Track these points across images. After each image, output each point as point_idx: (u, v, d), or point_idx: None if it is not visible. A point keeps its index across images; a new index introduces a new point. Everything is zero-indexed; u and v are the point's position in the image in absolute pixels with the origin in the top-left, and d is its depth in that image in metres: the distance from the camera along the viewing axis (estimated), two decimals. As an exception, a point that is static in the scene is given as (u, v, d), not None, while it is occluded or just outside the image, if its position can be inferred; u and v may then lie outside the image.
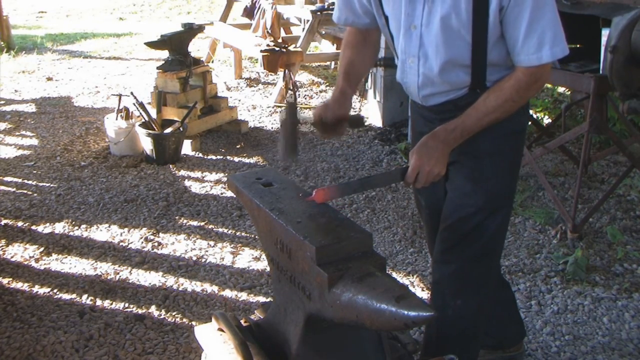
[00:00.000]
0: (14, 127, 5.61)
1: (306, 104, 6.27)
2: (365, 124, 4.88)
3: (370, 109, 5.75)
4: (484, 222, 2.02)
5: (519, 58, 1.81)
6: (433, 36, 1.85)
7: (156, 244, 3.57)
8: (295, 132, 1.88)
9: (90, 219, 3.86)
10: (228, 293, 3.10)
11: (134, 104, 4.78)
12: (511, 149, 2.04)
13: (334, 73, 7.43)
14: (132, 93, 4.86)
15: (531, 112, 4.82)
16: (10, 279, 3.19)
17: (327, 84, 6.99)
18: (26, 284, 3.14)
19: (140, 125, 4.75)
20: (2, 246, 3.51)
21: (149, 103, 5.08)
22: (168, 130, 4.71)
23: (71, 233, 3.68)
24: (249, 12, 7.74)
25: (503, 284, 2.48)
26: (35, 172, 4.58)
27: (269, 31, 6.91)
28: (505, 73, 1.89)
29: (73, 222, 3.80)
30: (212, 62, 7.66)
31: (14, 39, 8.93)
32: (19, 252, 3.46)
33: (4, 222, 3.78)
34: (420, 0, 1.84)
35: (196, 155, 4.94)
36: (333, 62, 7.61)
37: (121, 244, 3.56)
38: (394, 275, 3.23)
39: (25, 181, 4.44)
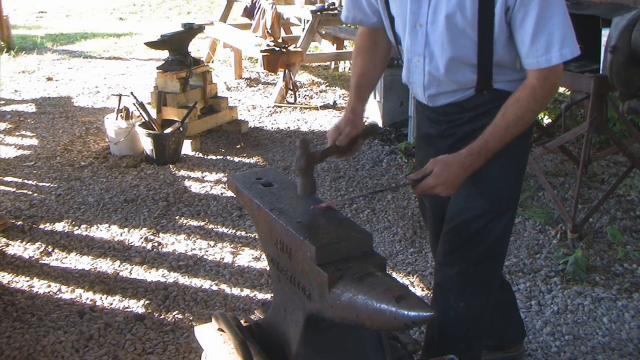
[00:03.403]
0: (14, 127, 5.61)
1: (306, 104, 6.28)
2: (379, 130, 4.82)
3: (370, 109, 5.75)
4: (488, 225, 2.01)
5: (528, 61, 1.78)
6: (439, 34, 1.84)
7: (156, 243, 3.57)
8: (312, 169, 1.87)
9: (90, 219, 3.86)
10: (228, 293, 3.10)
11: (134, 104, 4.79)
12: (518, 152, 2.02)
13: (334, 73, 7.43)
14: (132, 93, 4.86)
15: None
16: (10, 279, 3.19)
17: (327, 84, 6.99)
18: (26, 284, 3.14)
19: (140, 125, 4.75)
20: (2, 246, 3.51)
21: (149, 103, 5.08)
22: (168, 130, 4.71)
23: (71, 233, 3.68)
24: (249, 12, 7.75)
25: (504, 285, 2.48)
26: (35, 172, 4.58)
27: (269, 31, 6.92)
28: (512, 75, 1.88)
29: (73, 222, 3.80)
30: (212, 62, 7.66)
31: (14, 39, 8.94)
32: (19, 252, 3.46)
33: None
34: None
35: (196, 155, 4.94)
36: (333, 62, 7.61)
37: (121, 243, 3.56)
38: (394, 275, 3.23)
39: (25, 181, 4.44)
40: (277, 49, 5.94)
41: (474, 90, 1.92)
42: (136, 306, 2.97)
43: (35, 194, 4.20)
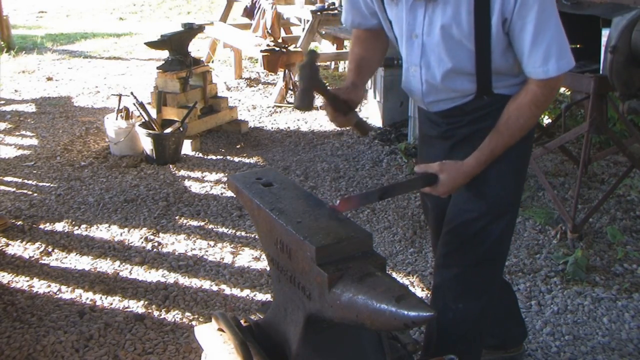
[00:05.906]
0: (14, 127, 5.61)
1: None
2: (369, 134, 4.85)
3: (370, 109, 5.75)
4: (487, 227, 2.01)
5: (527, 70, 1.80)
6: (435, 45, 1.84)
7: (156, 243, 3.57)
8: (314, 79, 1.87)
9: (90, 218, 3.86)
10: (228, 293, 3.10)
11: (134, 104, 4.79)
12: (517, 156, 2.01)
13: (334, 73, 7.43)
14: (132, 93, 4.86)
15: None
16: (10, 279, 3.19)
17: (327, 84, 6.98)
18: (26, 284, 3.14)
19: (140, 125, 4.75)
20: (2, 246, 3.51)
21: (149, 103, 5.08)
22: (168, 130, 4.71)
23: (71, 233, 3.68)
24: (249, 12, 7.76)
25: (505, 285, 2.48)
26: (35, 172, 4.58)
27: (269, 31, 6.92)
28: (512, 80, 1.88)
29: (73, 222, 3.80)
30: (212, 62, 7.66)
31: (14, 39, 8.94)
32: (19, 251, 3.46)
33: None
34: (420, 10, 1.82)
35: (196, 155, 4.94)
36: (333, 62, 7.61)
37: (121, 243, 3.56)
38: (394, 275, 3.23)
39: (25, 181, 4.44)
40: (277, 49, 5.94)
41: (474, 96, 1.92)
42: (136, 306, 2.97)
43: (35, 194, 4.20)
